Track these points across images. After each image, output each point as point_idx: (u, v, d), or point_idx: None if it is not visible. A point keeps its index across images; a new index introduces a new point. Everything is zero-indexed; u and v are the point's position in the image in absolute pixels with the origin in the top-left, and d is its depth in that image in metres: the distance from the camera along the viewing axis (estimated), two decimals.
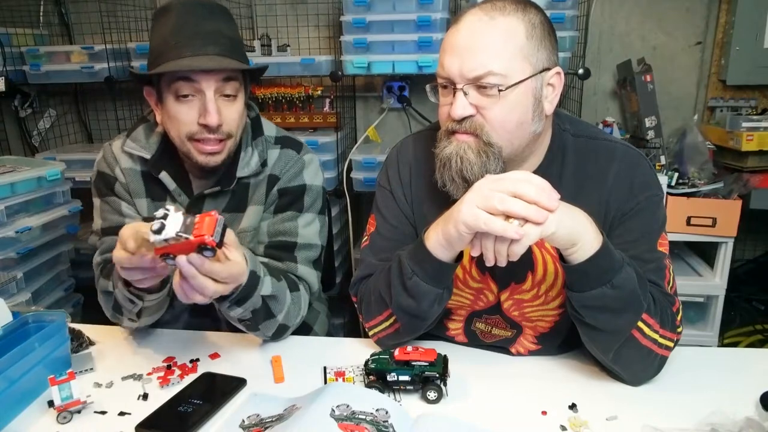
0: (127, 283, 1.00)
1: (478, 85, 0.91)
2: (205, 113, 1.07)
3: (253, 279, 1.01)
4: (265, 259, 1.18)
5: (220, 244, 0.85)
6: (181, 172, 1.21)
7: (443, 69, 0.94)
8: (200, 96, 1.08)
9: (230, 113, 1.11)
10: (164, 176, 1.19)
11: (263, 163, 1.21)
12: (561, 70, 0.97)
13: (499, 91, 0.91)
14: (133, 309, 1.06)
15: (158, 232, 0.81)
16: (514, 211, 0.82)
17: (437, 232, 0.93)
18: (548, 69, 0.95)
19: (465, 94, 0.92)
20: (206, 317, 1.26)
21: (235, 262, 0.92)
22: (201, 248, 0.84)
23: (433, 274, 0.95)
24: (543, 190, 0.83)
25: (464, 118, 0.93)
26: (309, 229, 1.23)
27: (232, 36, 1.13)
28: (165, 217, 0.82)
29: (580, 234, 0.86)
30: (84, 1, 2.53)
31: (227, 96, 1.10)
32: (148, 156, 1.19)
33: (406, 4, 2.06)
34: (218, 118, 1.08)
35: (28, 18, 2.57)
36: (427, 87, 1.02)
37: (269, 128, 1.26)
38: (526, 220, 0.82)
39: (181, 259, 0.84)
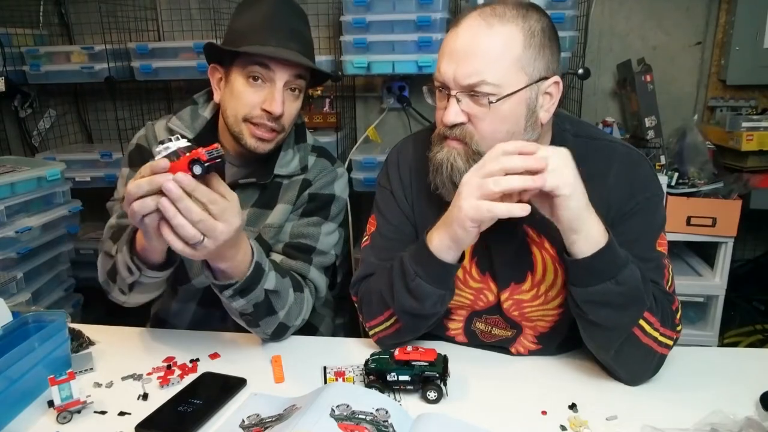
0: (132, 251, 1.01)
1: (471, 92, 0.91)
2: (272, 101, 1.12)
3: (258, 271, 1.02)
4: (279, 257, 1.20)
5: (210, 168, 0.85)
6: None
7: (439, 73, 0.94)
8: (269, 84, 1.14)
9: (291, 108, 1.17)
10: None
11: (303, 168, 1.26)
12: (560, 79, 0.95)
13: (490, 102, 0.90)
14: (128, 279, 1.04)
15: (162, 144, 0.87)
16: (512, 187, 0.83)
17: (440, 236, 0.93)
18: (546, 78, 0.94)
19: (458, 100, 0.92)
20: (215, 308, 1.26)
21: (229, 198, 0.89)
22: (191, 164, 0.85)
23: (436, 276, 0.95)
24: (526, 156, 0.83)
25: (455, 125, 0.94)
26: (329, 238, 1.27)
27: (310, 40, 1.22)
28: (175, 139, 0.88)
29: (584, 222, 0.86)
30: (84, 1, 2.53)
31: (292, 90, 1.17)
32: (190, 136, 1.21)
33: (406, 4, 2.05)
34: (282, 108, 1.13)
35: (28, 18, 2.57)
36: (424, 89, 1.02)
37: (309, 137, 1.32)
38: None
39: (168, 176, 0.84)
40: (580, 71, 1.99)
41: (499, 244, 0.96)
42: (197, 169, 0.85)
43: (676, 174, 2.05)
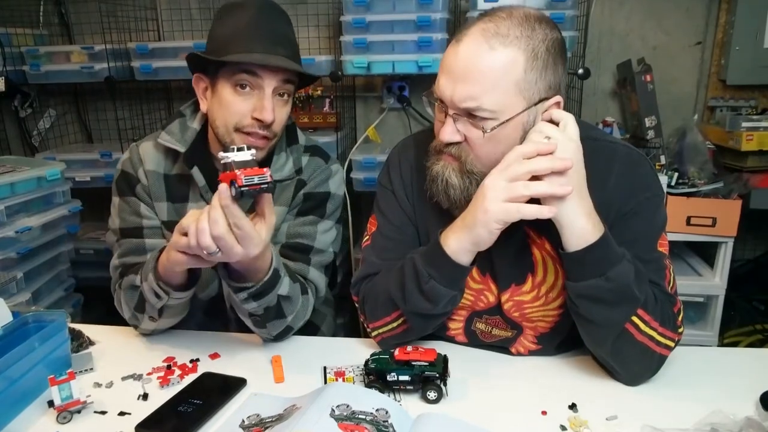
0: (157, 278, 1.03)
1: (468, 115, 0.91)
2: (262, 109, 1.11)
3: (275, 277, 1.03)
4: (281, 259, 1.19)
5: (245, 193, 0.88)
6: (211, 170, 1.22)
7: (438, 88, 0.94)
8: (258, 91, 1.11)
9: (281, 114, 1.15)
10: (195, 172, 1.20)
11: (298, 171, 1.24)
12: (561, 98, 0.94)
13: (484, 131, 0.90)
14: (157, 304, 1.07)
15: (226, 152, 0.92)
16: (542, 192, 0.85)
17: (459, 238, 0.93)
18: (547, 98, 0.92)
19: (455, 120, 0.92)
20: (217, 316, 1.27)
21: (268, 221, 0.95)
22: (231, 183, 0.89)
23: (450, 277, 0.96)
24: (552, 158, 0.85)
25: (451, 143, 0.94)
26: (326, 235, 1.26)
27: (295, 43, 1.20)
28: (241, 150, 0.92)
29: (578, 216, 0.88)
30: (84, 1, 2.53)
31: (281, 96, 1.15)
32: (182, 149, 1.20)
33: (406, 4, 2.05)
34: (273, 115, 1.11)
35: (28, 18, 2.56)
36: (424, 98, 1.02)
37: (301, 137, 1.30)
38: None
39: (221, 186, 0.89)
40: (580, 71, 1.99)
41: (500, 245, 0.96)
42: (232, 191, 0.88)
43: (676, 174, 2.05)
